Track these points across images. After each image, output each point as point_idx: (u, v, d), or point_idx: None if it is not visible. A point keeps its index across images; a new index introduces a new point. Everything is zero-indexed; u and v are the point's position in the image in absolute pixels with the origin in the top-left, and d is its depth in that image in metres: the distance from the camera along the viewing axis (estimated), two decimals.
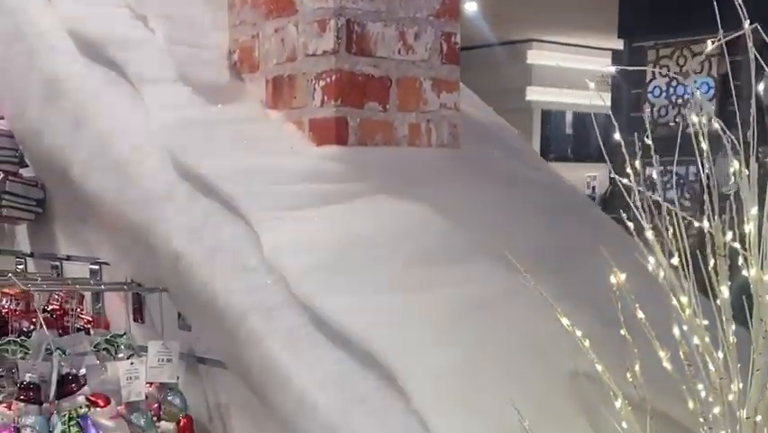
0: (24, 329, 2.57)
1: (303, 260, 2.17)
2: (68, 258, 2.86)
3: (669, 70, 7.09)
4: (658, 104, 7.53)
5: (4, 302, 2.62)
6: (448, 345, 2.07)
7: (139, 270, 2.53)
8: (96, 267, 2.71)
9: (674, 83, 6.85)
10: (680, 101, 7.15)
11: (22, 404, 2.24)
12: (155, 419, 2.38)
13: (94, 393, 2.26)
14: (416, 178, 2.53)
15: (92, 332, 2.61)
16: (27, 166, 2.95)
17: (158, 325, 2.57)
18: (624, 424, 1.75)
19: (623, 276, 1.71)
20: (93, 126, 2.55)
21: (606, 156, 1.88)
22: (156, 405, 2.42)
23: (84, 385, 2.26)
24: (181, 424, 2.42)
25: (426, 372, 2.00)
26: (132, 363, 2.38)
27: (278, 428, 2.21)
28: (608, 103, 6.56)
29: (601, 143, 2.02)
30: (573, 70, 12.15)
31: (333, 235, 2.25)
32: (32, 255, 3.04)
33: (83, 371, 2.30)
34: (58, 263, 2.86)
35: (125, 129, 2.49)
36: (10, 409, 2.24)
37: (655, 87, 7.46)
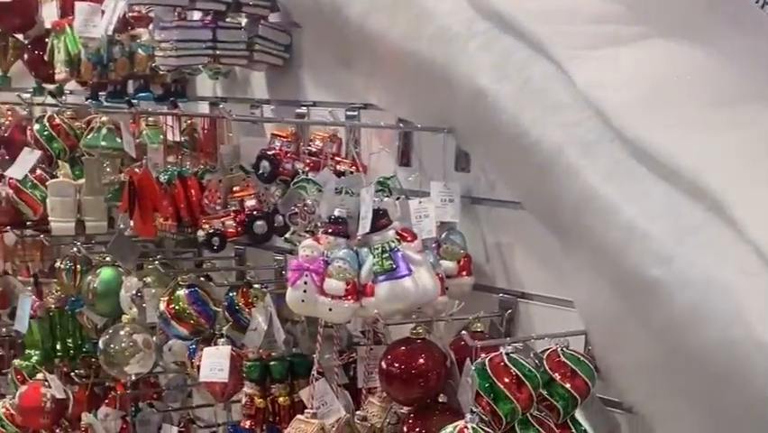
0: (298, 170, 2.60)
1: (620, 96, 2.17)
2: (314, 104, 2.87)
3: None
4: None
5: (276, 144, 2.65)
6: None
7: (416, 111, 2.54)
8: (355, 113, 2.72)
9: None
10: None
11: (332, 237, 2.28)
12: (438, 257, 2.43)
13: (403, 228, 2.30)
14: (685, 21, 2.51)
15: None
16: (278, 11, 2.93)
17: (427, 168, 2.60)
18: None
19: None
20: None
21: None
22: (435, 244, 2.46)
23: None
24: (461, 263, 2.46)
25: (757, 202, 2.02)
26: (420, 202, 2.41)
27: (576, 265, 2.25)
28: None
29: None
30: None
31: (639, 75, 2.25)
32: (267, 102, 3.05)
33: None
34: (304, 110, 2.86)
35: None
36: (319, 242, 2.28)
37: None
